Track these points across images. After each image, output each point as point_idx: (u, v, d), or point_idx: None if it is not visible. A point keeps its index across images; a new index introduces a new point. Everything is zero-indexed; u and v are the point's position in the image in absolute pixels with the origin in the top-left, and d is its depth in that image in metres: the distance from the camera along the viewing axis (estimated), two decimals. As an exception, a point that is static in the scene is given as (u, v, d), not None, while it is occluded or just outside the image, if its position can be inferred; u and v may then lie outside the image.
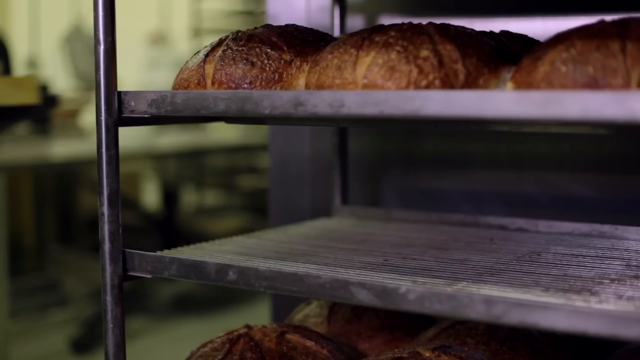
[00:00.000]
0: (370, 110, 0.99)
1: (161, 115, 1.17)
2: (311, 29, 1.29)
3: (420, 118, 0.97)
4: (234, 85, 1.19)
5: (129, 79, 6.22)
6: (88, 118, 5.47)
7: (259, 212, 5.91)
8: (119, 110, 1.19)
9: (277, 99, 1.06)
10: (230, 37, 1.25)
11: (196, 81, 1.22)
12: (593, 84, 0.94)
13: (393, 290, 1.02)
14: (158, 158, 5.46)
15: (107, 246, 1.21)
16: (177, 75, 1.27)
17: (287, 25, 1.28)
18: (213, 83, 1.21)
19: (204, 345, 1.41)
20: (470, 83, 1.03)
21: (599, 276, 1.13)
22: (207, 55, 1.23)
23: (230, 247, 1.36)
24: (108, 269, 1.21)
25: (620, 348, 1.32)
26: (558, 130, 1.48)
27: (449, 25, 1.10)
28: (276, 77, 1.19)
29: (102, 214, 1.20)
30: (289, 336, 1.37)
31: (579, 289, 1.05)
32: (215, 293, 4.65)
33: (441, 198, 1.76)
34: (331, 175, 1.73)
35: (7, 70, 3.10)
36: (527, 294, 1.02)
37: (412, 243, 1.40)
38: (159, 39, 7.70)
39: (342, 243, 1.40)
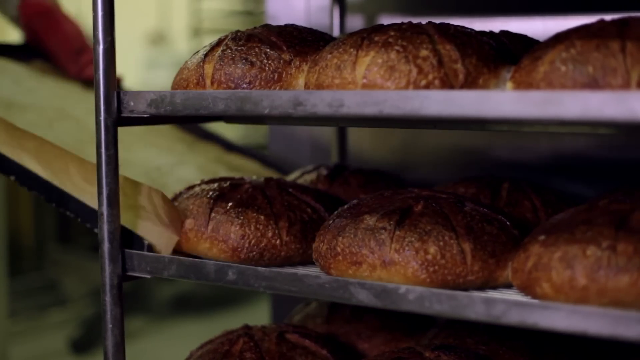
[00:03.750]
0: (370, 110, 0.99)
1: (160, 115, 1.17)
2: (310, 29, 1.28)
3: (419, 118, 0.97)
4: (233, 85, 1.19)
5: (128, 78, 6.20)
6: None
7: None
8: (118, 110, 1.19)
9: (277, 99, 1.06)
10: (229, 37, 1.25)
11: (195, 81, 1.22)
12: (593, 84, 0.93)
13: (393, 290, 1.02)
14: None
15: (106, 246, 1.21)
16: (176, 75, 1.27)
17: (286, 25, 1.28)
18: (212, 83, 1.20)
19: (203, 346, 1.41)
20: (469, 83, 1.03)
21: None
22: (206, 55, 1.23)
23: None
24: (107, 269, 1.21)
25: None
26: (558, 130, 1.48)
27: (448, 25, 1.10)
28: (275, 77, 1.19)
29: (102, 214, 1.20)
30: (288, 336, 1.37)
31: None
32: (215, 293, 4.64)
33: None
34: (331, 175, 1.73)
35: None
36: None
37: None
38: (158, 39, 7.69)
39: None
